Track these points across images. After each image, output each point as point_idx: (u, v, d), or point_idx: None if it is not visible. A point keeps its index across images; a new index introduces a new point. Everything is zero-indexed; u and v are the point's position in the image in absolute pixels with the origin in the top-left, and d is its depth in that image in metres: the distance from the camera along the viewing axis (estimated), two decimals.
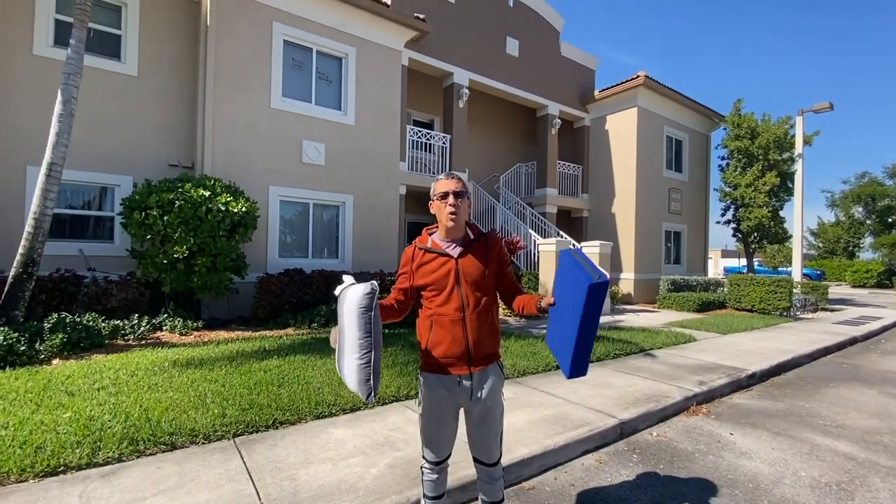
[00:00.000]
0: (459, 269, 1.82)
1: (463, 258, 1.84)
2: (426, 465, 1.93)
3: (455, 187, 1.82)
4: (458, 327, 1.78)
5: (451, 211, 1.80)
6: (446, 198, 1.81)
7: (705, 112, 14.82)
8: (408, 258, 1.91)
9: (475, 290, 1.82)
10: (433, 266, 1.83)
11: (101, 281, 6.24)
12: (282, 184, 8.16)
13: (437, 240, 1.91)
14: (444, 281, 1.81)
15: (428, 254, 1.86)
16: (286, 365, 4.45)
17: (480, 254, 1.87)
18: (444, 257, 1.84)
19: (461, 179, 1.88)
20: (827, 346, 7.44)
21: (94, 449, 2.65)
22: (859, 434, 3.83)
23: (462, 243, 1.87)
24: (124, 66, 7.49)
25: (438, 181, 1.87)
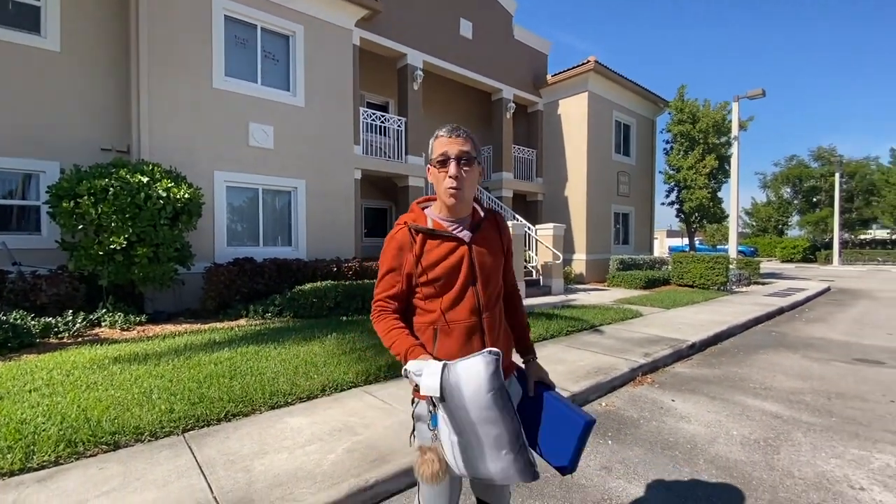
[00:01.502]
0: (474, 259, 1.37)
1: (476, 243, 1.39)
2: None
3: (459, 149, 1.33)
4: (475, 336, 1.35)
5: (452, 185, 1.32)
6: (446, 164, 1.32)
7: (651, 97, 15.41)
8: (399, 247, 1.37)
9: (490, 286, 1.40)
10: (439, 254, 1.35)
11: (29, 276, 5.76)
12: (228, 168, 7.78)
13: (436, 218, 1.41)
14: (454, 275, 1.34)
15: (431, 239, 1.36)
16: (238, 356, 4.31)
17: (494, 237, 1.45)
18: (452, 242, 1.36)
19: (469, 137, 1.37)
20: (758, 316, 8.08)
21: (28, 453, 2.48)
22: (784, 395, 4.22)
23: (471, 223, 1.42)
24: (45, 41, 6.81)
25: (437, 138, 1.38)
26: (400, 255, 1.37)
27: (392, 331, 1.33)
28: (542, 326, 6.03)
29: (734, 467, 2.83)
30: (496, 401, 1.13)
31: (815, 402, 4.02)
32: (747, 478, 2.71)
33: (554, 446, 1.40)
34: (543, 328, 5.96)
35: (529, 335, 1.61)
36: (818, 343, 6.45)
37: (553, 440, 1.41)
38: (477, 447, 1.17)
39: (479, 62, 12.21)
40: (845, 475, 2.74)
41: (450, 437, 1.19)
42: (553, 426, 1.42)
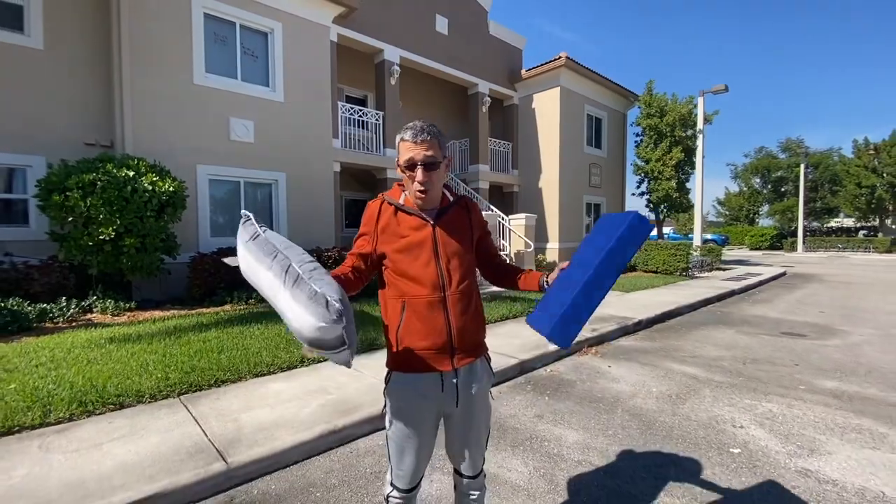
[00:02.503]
0: (437, 238, 1.45)
1: (441, 224, 1.48)
2: (394, 495, 1.54)
3: (424, 156, 1.39)
4: (437, 312, 1.42)
5: (421, 189, 1.41)
6: (412, 169, 1.40)
7: (622, 91, 16.02)
8: (371, 215, 1.51)
9: (457, 265, 1.47)
10: (404, 229, 1.45)
11: (21, 265, 6.06)
12: (210, 162, 8.10)
13: (411, 197, 1.49)
14: (417, 250, 1.44)
15: (400, 213, 1.48)
16: (225, 336, 4.76)
17: (461, 219, 1.53)
18: (419, 219, 1.47)
19: (433, 138, 1.42)
20: (708, 297, 8.80)
21: (45, 411, 2.93)
22: (706, 361, 4.86)
23: (440, 208, 1.51)
24: (28, 39, 7.01)
25: (402, 142, 1.43)
26: (370, 222, 1.50)
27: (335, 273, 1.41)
28: (506, 308, 6.60)
29: (644, 414, 3.42)
30: (250, 247, 1.30)
31: (731, 366, 4.67)
32: (652, 420, 3.31)
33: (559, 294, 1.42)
34: (507, 309, 6.53)
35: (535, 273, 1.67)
36: (755, 320, 7.16)
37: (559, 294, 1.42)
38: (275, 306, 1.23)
39: (455, 57, 12.61)
40: (732, 418, 3.36)
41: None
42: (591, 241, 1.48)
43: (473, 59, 13.13)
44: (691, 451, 2.85)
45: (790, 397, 3.77)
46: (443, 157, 1.45)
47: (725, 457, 2.77)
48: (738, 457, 2.77)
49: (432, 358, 1.43)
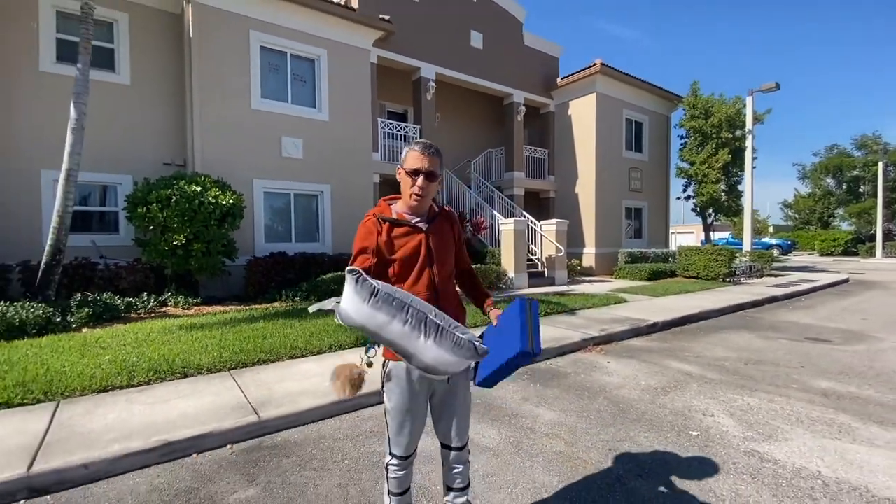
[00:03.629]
0: (430, 243, 1.68)
1: (431, 231, 1.71)
2: (393, 463, 1.78)
3: (428, 167, 1.63)
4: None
5: (418, 193, 1.64)
6: (416, 176, 1.63)
7: (664, 94, 15.79)
8: (368, 232, 1.66)
9: (444, 267, 1.72)
10: (401, 241, 1.66)
11: (112, 266, 7.31)
12: (265, 177, 9.17)
13: (400, 211, 1.72)
14: (413, 258, 1.65)
15: (395, 227, 1.67)
16: (269, 326, 5.58)
17: (446, 228, 1.79)
18: (412, 229, 1.67)
19: (437, 155, 1.67)
20: (741, 303, 8.68)
21: (130, 377, 3.79)
22: (708, 360, 5.04)
23: (428, 216, 1.74)
24: (118, 77, 8.41)
25: (411, 151, 1.66)
26: (369, 238, 1.64)
27: None
28: None
29: (623, 401, 3.77)
30: (375, 305, 1.41)
31: (731, 365, 4.83)
32: (628, 406, 3.66)
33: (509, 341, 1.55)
34: None
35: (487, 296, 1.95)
36: (783, 326, 7.07)
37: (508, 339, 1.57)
38: (402, 347, 1.46)
39: (490, 70, 13.15)
40: (706, 408, 3.63)
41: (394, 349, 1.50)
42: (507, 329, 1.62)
43: (508, 70, 13.59)
44: (653, 431, 3.19)
45: (776, 394, 3.95)
46: (440, 174, 1.69)
47: (682, 438, 3.10)
48: (694, 438, 3.09)
49: None
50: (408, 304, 1.44)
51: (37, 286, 5.98)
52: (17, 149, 7.55)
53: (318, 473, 2.62)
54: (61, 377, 3.66)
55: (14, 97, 7.59)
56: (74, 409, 3.21)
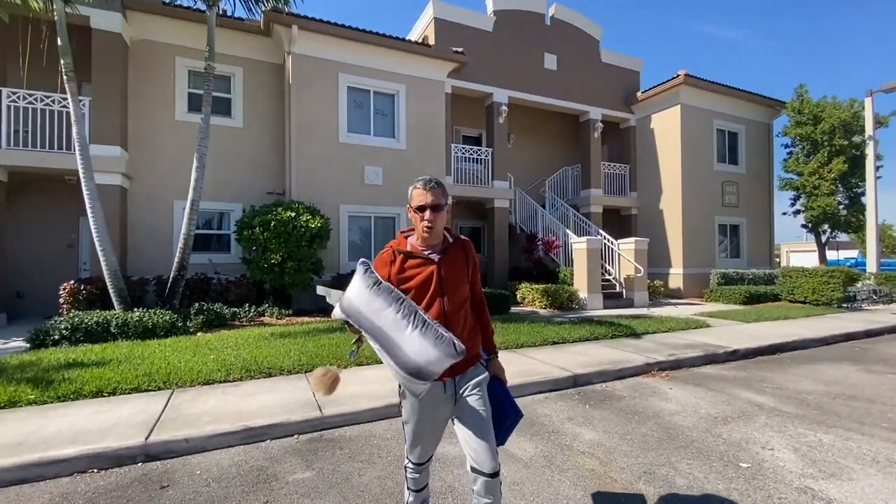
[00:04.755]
0: (442, 275, 1.77)
1: (444, 263, 1.79)
2: (410, 466, 1.96)
3: (431, 201, 1.75)
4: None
5: (427, 226, 1.76)
6: (422, 211, 1.76)
7: (762, 101, 14.49)
8: (384, 262, 1.81)
9: (455, 295, 1.80)
10: (413, 272, 1.77)
11: (224, 281, 8.58)
12: (349, 202, 10.13)
13: (415, 244, 1.84)
14: (425, 287, 1.75)
15: (409, 259, 1.79)
16: (343, 337, 6.20)
17: (460, 257, 1.85)
18: (425, 261, 1.78)
19: (439, 187, 1.79)
20: (852, 332, 7.65)
21: (227, 374, 4.53)
22: (789, 393, 4.61)
23: (441, 248, 1.83)
24: (233, 121, 9.97)
25: (414, 190, 1.79)
26: (384, 269, 1.79)
27: None
28: (587, 330, 6.91)
29: (674, 428, 3.66)
30: (376, 292, 1.62)
31: (815, 399, 4.38)
32: (677, 433, 3.55)
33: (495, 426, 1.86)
34: (588, 331, 6.84)
35: (493, 338, 2.06)
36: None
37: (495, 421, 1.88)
38: (389, 338, 1.60)
39: (565, 89, 13.18)
40: (768, 441, 3.40)
41: (376, 347, 1.65)
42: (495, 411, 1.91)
43: (584, 88, 13.51)
44: (698, 459, 3.09)
45: (857, 432, 3.56)
46: (445, 203, 1.82)
47: (729, 468, 2.97)
48: (742, 469, 2.95)
49: None
50: (403, 298, 1.63)
51: (166, 296, 7.29)
52: (157, 183, 9.27)
53: (364, 465, 2.99)
54: (177, 371, 4.51)
55: (157, 141, 9.35)
56: (184, 397, 3.96)
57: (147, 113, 9.31)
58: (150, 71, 9.34)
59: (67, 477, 2.83)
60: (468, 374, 1.83)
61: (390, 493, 2.65)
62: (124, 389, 4.06)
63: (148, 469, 2.95)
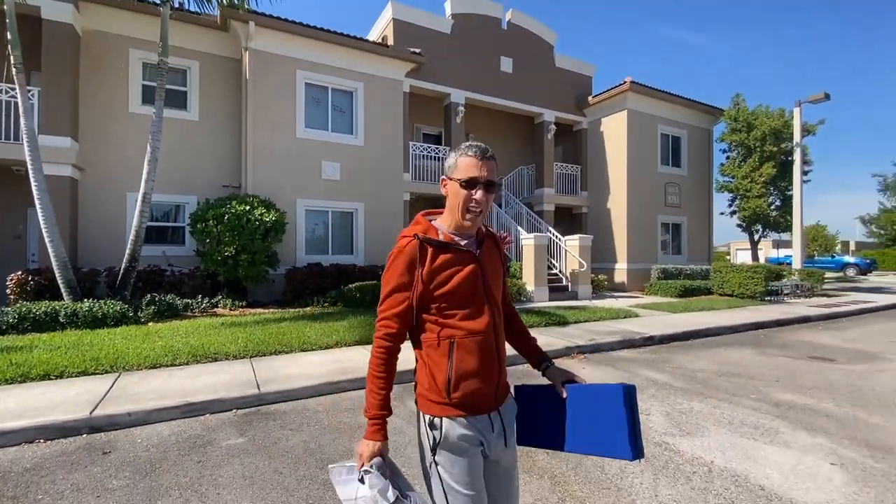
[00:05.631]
0: (485, 272, 1.36)
1: (482, 256, 1.38)
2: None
3: (487, 175, 1.31)
4: (490, 354, 1.31)
5: (477, 209, 1.31)
6: (473, 187, 1.30)
7: (702, 108, 15.53)
8: (408, 261, 1.30)
9: (498, 298, 1.40)
10: (451, 270, 1.30)
11: (177, 273, 8.69)
12: (306, 196, 10.36)
13: (447, 231, 1.37)
14: (468, 288, 1.31)
15: (441, 252, 1.31)
16: (293, 326, 6.53)
17: (495, 253, 1.46)
18: (465, 255, 1.33)
19: (494, 160, 1.34)
20: (762, 321, 8.53)
21: (174, 358, 4.80)
22: (684, 372, 5.28)
23: (476, 239, 1.41)
24: (189, 114, 10.00)
25: (464, 157, 1.32)
26: (410, 271, 1.29)
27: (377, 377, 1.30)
28: (525, 319, 7.46)
29: None
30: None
31: (703, 376, 5.06)
32: None
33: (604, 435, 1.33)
34: (525, 320, 7.38)
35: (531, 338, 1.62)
36: (794, 345, 6.98)
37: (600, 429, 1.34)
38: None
39: (520, 92, 13.76)
40: (648, 409, 4.00)
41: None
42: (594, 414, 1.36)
43: (539, 91, 14.13)
44: None
45: (726, 402, 4.21)
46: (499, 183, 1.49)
47: None
48: None
49: (484, 399, 1.30)
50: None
51: (117, 287, 7.39)
52: (109, 175, 9.24)
53: (293, 432, 3.38)
54: (124, 356, 4.75)
55: (110, 133, 9.31)
56: (130, 379, 4.23)
57: (100, 104, 9.25)
58: (103, 62, 9.27)
59: (15, 447, 3.10)
60: (509, 408, 1.42)
61: (311, 452, 3.06)
62: (72, 373, 4.29)
63: (92, 439, 3.25)
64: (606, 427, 1.33)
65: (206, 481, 2.67)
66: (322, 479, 2.71)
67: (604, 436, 1.33)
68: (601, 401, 1.36)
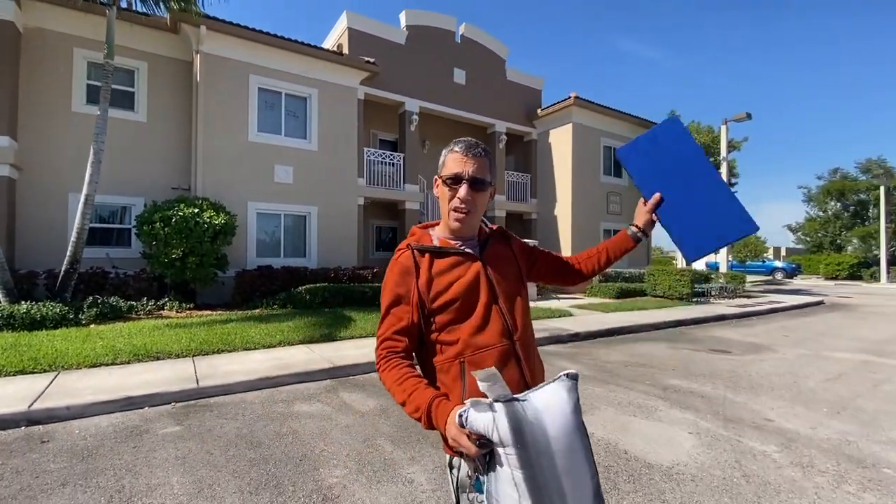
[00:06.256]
0: (490, 276, 1.22)
1: (488, 259, 1.25)
2: None
3: (474, 171, 1.19)
4: (510, 363, 1.16)
5: (461, 208, 1.20)
6: (457, 184, 1.20)
7: (641, 122, 16.69)
8: (403, 272, 1.21)
9: (517, 305, 1.25)
10: (451, 274, 1.19)
11: (122, 275, 8.64)
12: (258, 199, 10.49)
13: (443, 236, 1.28)
14: (472, 295, 1.18)
15: (439, 258, 1.22)
16: (238, 327, 6.73)
17: (505, 251, 1.33)
18: (464, 259, 1.22)
19: (485, 156, 1.23)
20: (681, 319, 9.44)
21: (115, 357, 4.96)
22: (597, 363, 5.91)
23: (479, 240, 1.30)
24: (137, 115, 9.93)
25: (451, 153, 1.23)
26: (406, 281, 1.19)
27: (405, 380, 1.09)
28: None
29: None
30: (583, 441, 0.94)
31: (612, 367, 5.71)
32: None
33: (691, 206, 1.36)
34: None
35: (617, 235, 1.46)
36: (703, 339, 7.83)
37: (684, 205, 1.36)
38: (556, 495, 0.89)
39: (473, 103, 14.37)
40: None
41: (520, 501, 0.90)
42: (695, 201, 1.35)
43: (490, 102, 14.80)
44: None
45: (624, 386, 4.84)
46: (490, 182, 1.26)
47: None
48: None
49: None
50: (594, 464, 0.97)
51: (57, 289, 7.32)
52: (51, 175, 9.05)
53: (227, 421, 3.69)
54: (64, 355, 4.87)
55: (52, 132, 9.13)
56: (69, 377, 4.39)
57: (42, 103, 9.05)
58: (45, 61, 9.09)
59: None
60: None
61: (243, 436, 3.39)
62: (9, 371, 4.39)
63: (30, 431, 3.44)
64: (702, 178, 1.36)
65: (141, 462, 2.96)
66: (249, 457, 3.06)
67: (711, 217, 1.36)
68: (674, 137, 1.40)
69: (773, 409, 4.23)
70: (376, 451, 3.19)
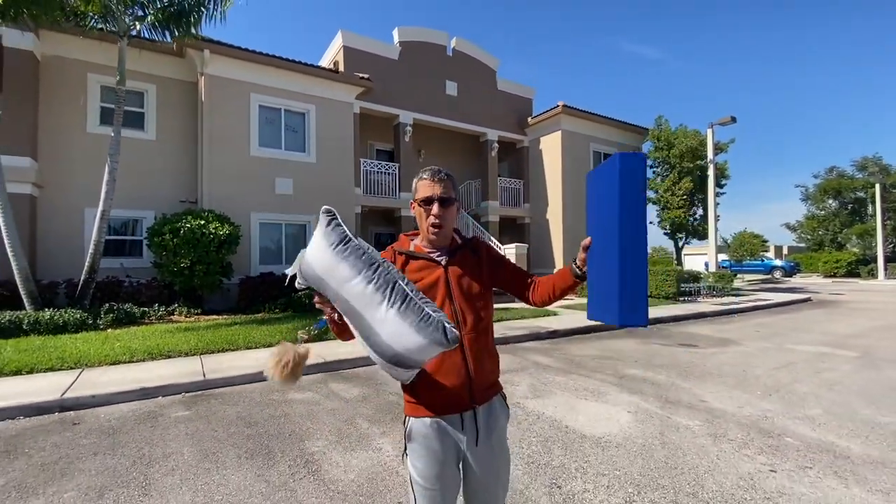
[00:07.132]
0: (450, 278, 1.49)
1: (452, 265, 1.52)
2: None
3: (441, 192, 1.49)
4: (454, 353, 1.40)
5: (435, 223, 1.49)
6: (429, 204, 1.49)
7: (629, 128, 17.23)
8: None
9: (471, 305, 1.49)
10: (416, 275, 1.49)
11: (135, 283, 9.31)
12: (260, 210, 11.15)
13: (419, 245, 1.58)
14: (430, 292, 1.45)
15: (412, 260, 1.53)
16: (241, 329, 7.36)
17: (470, 260, 1.58)
18: (430, 263, 1.51)
19: (448, 179, 1.52)
20: (660, 317, 9.92)
21: (132, 356, 5.59)
22: (568, 357, 6.45)
23: (448, 250, 1.56)
24: (146, 134, 10.65)
25: (420, 181, 1.53)
26: None
27: None
28: None
29: None
30: (342, 253, 1.22)
31: (580, 360, 6.24)
32: None
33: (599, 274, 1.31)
34: None
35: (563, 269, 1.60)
36: (676, 335, 8.32)
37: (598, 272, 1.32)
38: (359, 315, 1.21)
39: (465, 113, 15.00)
40: (519, 381, 5.10)
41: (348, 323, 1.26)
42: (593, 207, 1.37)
43: (482, 112, 15.42)
44: None
45: (585, 376, 5.37)
46: (455, 198, 1.54)
47: None
48: None
49: (452, 399, 1.42)
50: (378, 263, 1.24)
51: (76, 297, 8.00)
52: (68, 192, 9.78)
53: (229, 406, 4.29)
54: (87, 355, 5.51)
55: (69, 152, 9.86)
56: (92, 373, 5.01)
57: (59, 125, 9.80)
58: (62, 86, 9.84)
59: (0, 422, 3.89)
60: (493, 408, 1.52)
61: (243, 418, 3.99)
62: (40, 369, 5.03)
63: (63, 416, 4.06)
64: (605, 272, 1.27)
65: (157, 437, 3.57)
66: (246, 433, 3.65)
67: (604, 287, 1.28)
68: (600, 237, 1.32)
69: (712, 392, 4.76)
70: (354, 428, 3.77)
